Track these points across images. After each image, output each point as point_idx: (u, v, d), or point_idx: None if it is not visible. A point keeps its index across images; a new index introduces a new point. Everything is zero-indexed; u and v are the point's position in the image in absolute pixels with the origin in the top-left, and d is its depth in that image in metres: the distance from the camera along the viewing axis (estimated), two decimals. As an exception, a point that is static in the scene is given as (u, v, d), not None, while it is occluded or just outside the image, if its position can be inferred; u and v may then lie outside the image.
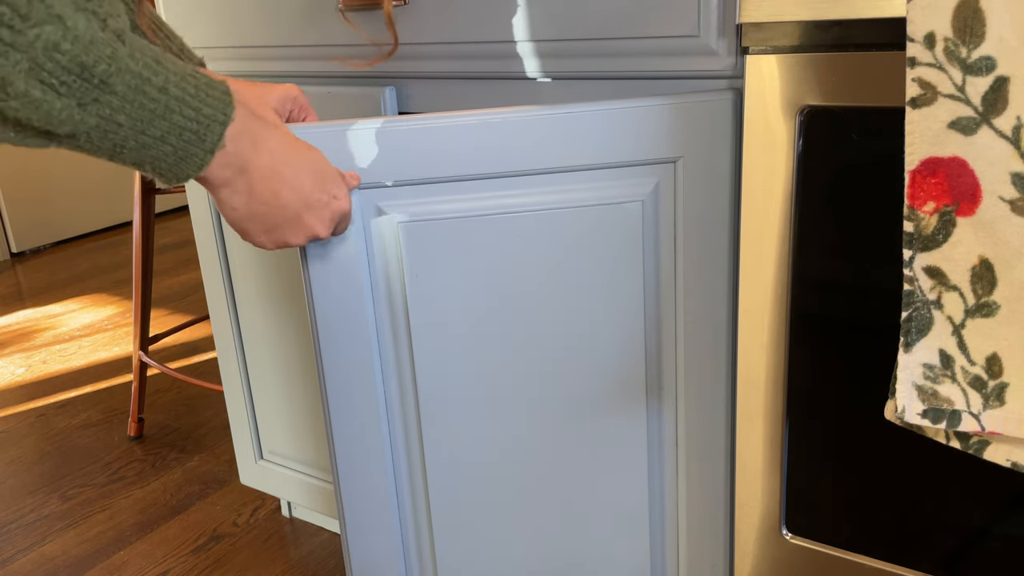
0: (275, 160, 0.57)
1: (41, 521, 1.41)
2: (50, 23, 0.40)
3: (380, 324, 0.74)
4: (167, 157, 0.50)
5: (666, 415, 0.78)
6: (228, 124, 0.52)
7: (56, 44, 0.41)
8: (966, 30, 0.50)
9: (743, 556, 0.78)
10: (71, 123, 0.44)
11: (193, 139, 0.50)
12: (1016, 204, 0.52)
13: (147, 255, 1.59)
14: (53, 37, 0.40)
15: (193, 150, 0.50)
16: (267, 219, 0.59)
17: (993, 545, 0.66)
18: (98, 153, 0.48)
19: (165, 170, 0.51)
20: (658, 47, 0.71)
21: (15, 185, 2.92)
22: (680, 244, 0.73)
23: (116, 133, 0.46)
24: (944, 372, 0.56)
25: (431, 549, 0.81)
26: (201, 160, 0.51)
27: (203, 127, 0.50)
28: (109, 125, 0.46)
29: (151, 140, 0.48)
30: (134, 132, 0.47)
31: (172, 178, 0.52)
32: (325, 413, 0.76)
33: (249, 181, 0.56)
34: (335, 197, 0.63)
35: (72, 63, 0.42)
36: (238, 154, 0.54)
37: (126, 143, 0.47)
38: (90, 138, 0.46)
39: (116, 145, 0.47)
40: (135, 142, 0.47)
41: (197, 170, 0.52)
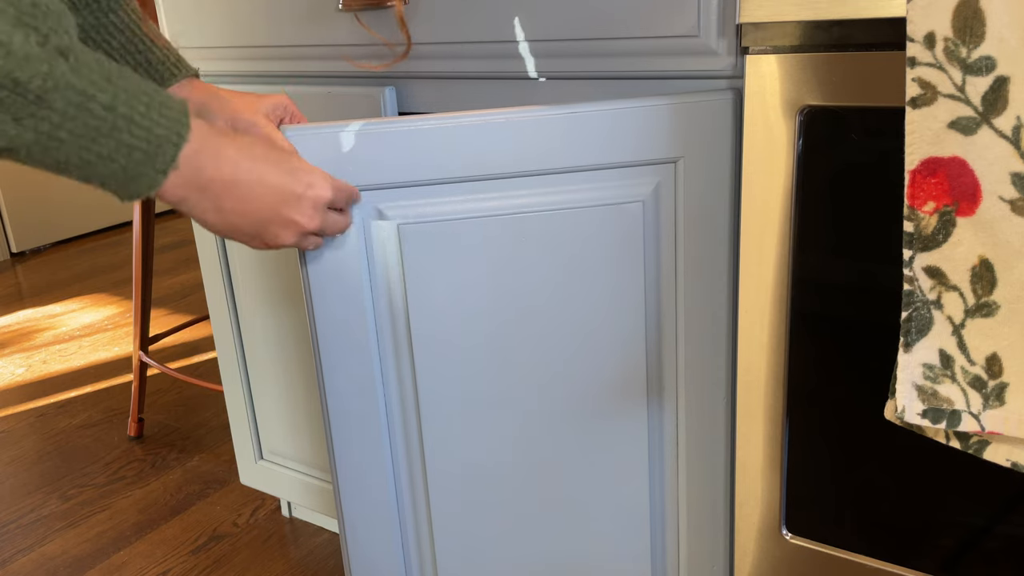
0: (236, 169, 0.56)
1: (41, 521, 1.41)
2: None
3: (380, 326, 0.74)
4: (116, 175, 0.49)
5: (666, 415, 0.78)
6: (182, 144, 0.51)
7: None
8: (966, 30, 0.50)
9: (743, 556, 0.78)
10: (6, 138, 0.43)
11: (142, 159, 0.49)
12: (1016, 204, 0.52)
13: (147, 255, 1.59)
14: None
15: (143, 170, 0.50)
16: (245, 226, 0.59)
17: (993, 545, 0.66)
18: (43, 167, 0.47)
19: (115, 188, 0.50)
20: (658, 47, 0.71)
21: (15, 185, 2.92)
22: (680, 244, 0.73)
23: (58, 149, 0.46)
24: (944, 372, 0.56)
25: (431, 550, 0.81)
26: (152, 180, 0.50)
27: (153, 147, 0.49)
28: (49, 141, 0.45)
29: (96, 158, 0.47)
30: (77, 149, 0.46)
31: (124, 195, 0.51)
32: (324, 415, 0.76)
33: (213, 197, 0.55)
34: (310, 185, 0.61)
35: (5, 78, 0.41)
36: (196, 172, 0.53)
37: (69, 160, 0.47)
38: (30, 153, 0.45)
39: (59, 161, 0.47)
40: (79, 159, 0.47)
41: (148, 190, 0.51)
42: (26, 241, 2.98)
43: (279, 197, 0.60)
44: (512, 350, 0.75)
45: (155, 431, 1.69)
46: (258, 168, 0.58)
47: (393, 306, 0.74)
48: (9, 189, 2.90)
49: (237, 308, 1.15)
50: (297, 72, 0.95)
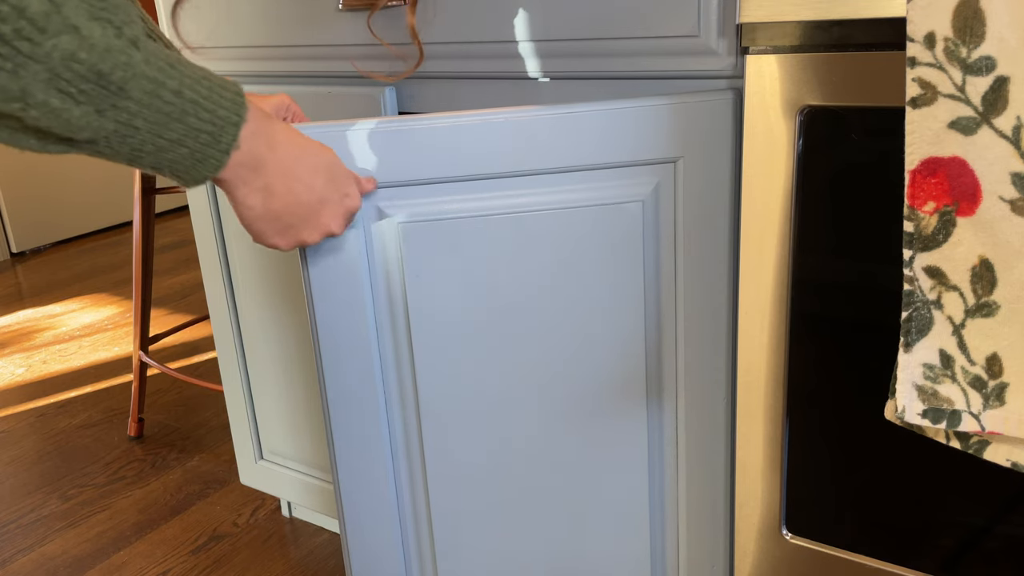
0: (289, 158, 0.58)
1: (41, 521, 1.41)
2: (67, 33, 0.41)
3: (380, 325, 0.74)
4: (184, 160, 0.51)
5: (666, 415, 0.78)
6: (242, 125, 0.52)
7: (73, 54, 0.42)
8: (966, 30, 0.50)
9: (743, 556, 0.78)
10: (90, 129, 0.45)
11: (209, 140, 0.51)
12: (1016, 204, 0.52)
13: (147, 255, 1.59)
14: (70, 47, 0.42)
15: (209, 151, 0.51)
16: (283, 218, 0.60)
17: (993, 545, 0.66)
18: (117, 158, 0.48)
19: (183, 172, 0.51)
20: (658, 47, 0.71)
21: (15, 185, 2.92)
22: (680, 244, 0.73)
23: (134, 137, 0.47)
24: (944, 372, 0.56)
25: (431, 550, 0.81)
26: (218, 161, 0.52)
27: (218, 128, 0.51)
28: (127, 130, 0.46)
29: (168, 143, 0.49)
30: (151, 136, 0.48)
31: (190, 180, 0.52)
32: (325, 414, 0.76)
33: (265, 180, 0.57)
34: (347, 195, 0.63)
35: (89, 71, 0.43)
36: (252, 153, 0.55)
37: (144, 147, 0.48)
38: (109, 143, 0.47)
39: (134, 149, 0.48)
40: (153, 145, 0.48)
41: (214, 171, 0.53)
42: (26, 241, 2.98)
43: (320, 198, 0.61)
44: (512, 349, 0.75)
45: (155, 431, 1.69)
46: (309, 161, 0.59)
47: (393, 304, 0.74)
48: (9, 189, 2.90)
49: (237, 308, 1.15)
50: (297, 72, 0.95)
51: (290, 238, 0.62)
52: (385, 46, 0.85)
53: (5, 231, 2.93)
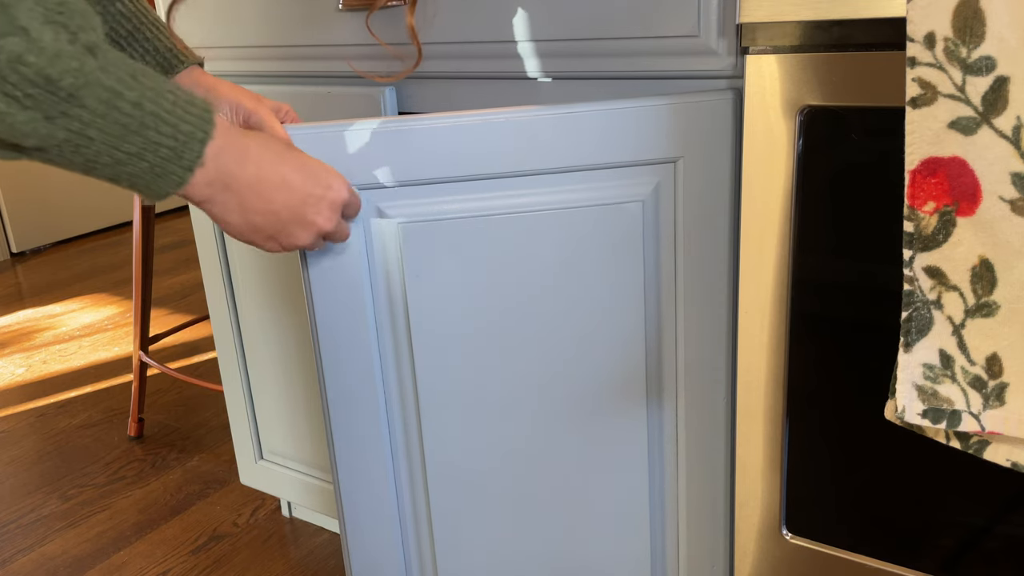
0: (261, 168, 0.56)
1: (41, 521, 1.41)
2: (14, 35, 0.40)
3: (380, 325, 0.74)
4: (143, 174, 0.49)
5: (666, 415, 0.78)
6: (208, 142, 0.51)
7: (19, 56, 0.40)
8: (966, 30, 0.50)
9: (743, 556, 0.78)
10: (37, 136, 0.44)
11: (170, 156, 0.49)
12: (1016, 204, 0.52)
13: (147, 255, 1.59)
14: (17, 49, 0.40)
15: (171, 167, 0.50)
16: (266, 228, 0.59)
17: (993, 545, 0.66)
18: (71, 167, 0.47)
19: (142, 187, 0.50)
20: (658, 47, 0.71)
21: (15, 185, 2.92)
22: (680, 244, 0.73)
23: (88, 147, 0.46)
24: (944, 372, 0.56)
25: (431, 549, 0.81)
26: (180, 178, 0.51)
27: (180, 144, 0.49)
28: (80, 139, 0.45)
29: (125, 156, 0.47)
30: (107, 147, 0.46)
31: (151, 195, 0.51)
32: (325, 414, 0.76)
33: (238, 196, 0.56)
34: (329, 187, 0.62)
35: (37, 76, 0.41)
36: (221, 171, 0.53)
37: (99, 158, 0.47)
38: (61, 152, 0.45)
39: (89, 160, 0.47)
40: (109, 157, 0.47)
41: (176, 187, 0.51)
42: (26, 241, 2.98)
43: (301, 197, 0.60)
44: (512, 349, 0.75)
45: (155, 431, 1.69)
46: (280, 167, 0.58)
47: (393, 304, 0.74)
48: (9, 189, 2.90)
49: (237, 308, 1.15)
50: (297, 72, 0.95)
51: (280, 242, 0.61)
52: (383, 46, 0.85)
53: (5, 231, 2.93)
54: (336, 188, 0.62)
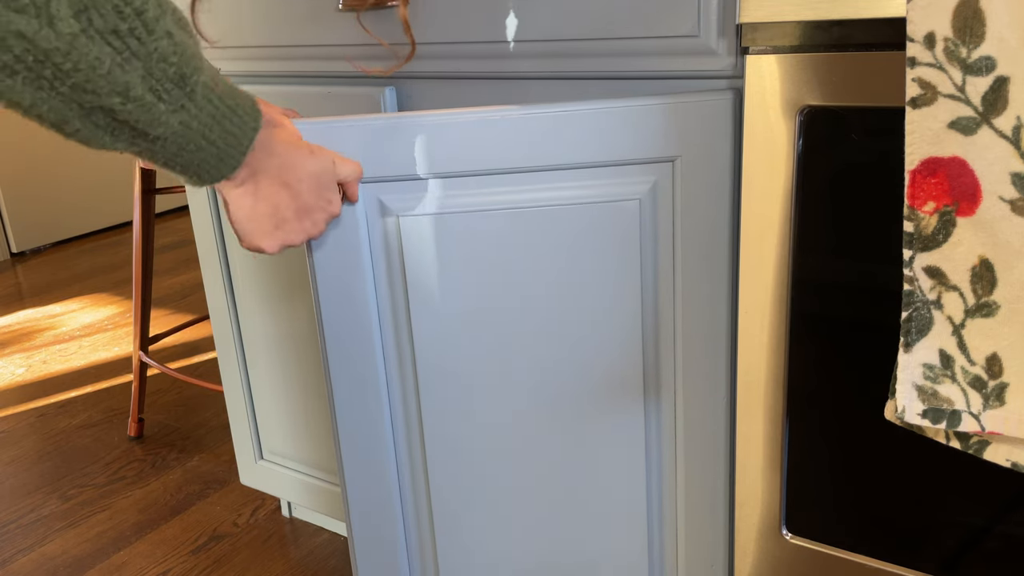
0: (282, 165, 0.61)
1: (41, 521, 1.41)
2: (165, 38, 0.46)
3: (383, 319, 0.74)
4: (211, 159, 0.54)
5: (665, 414, 0.78)
6: (259, 131, 0.57)
7: (167, 56, 0.47)
8: (966, 30, 0.50)
9: (743, 556, 0.78)
10: (164, 126, 0.49)
11: (233, 143, 0.55)
12: (1016, 204, 0.52)
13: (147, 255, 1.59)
14: (167, 50, 0.47)
15: (232, 152, 0.55)
16: (269, 219, 0.62)
17: (993, 545, 0.66)
18: (162, 156, 0.52)
19: (205, 172, 0.55)
20: (658, 47, 0.71)
21: (15, 185, 2.92)
22: (679, 243, 0.73)
23: (185, 136, 0.51)
24: (944, 372, 0.56)
25: (432, 548, 0.81)
26: (236, 162, 0.56)
27: (242, 132, 0.55)
28: (184, 129, 0.51)
29: (206, 144, 0.53)
30: (198, 136, 0.52)
31: (208, 179, 0.56)
32: (331, 407, 0.77)
33: (257, 183, 0.60)
34: (330, 202, 0.66)
35: (176, 73, 0.48)
36: (256, 158, 0.58)
37: (188, 146, 0.52)
38: (166, 141, 0.51)
39: (181, 148, 0.52)
40: (194, 145, 0.52)
41: (231, 171, 0.56)
42: (26, 241, 2.98)
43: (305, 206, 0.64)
44: (509, 346, 0.75)
45: (155, 431, 1.69)
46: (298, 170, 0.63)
47: (395, 298, 0.74)
48: (9, 189, 2.90)
49: (237, 308, 1.15)
50: (297, 72, 0.95)
51: (275, 240, 0.64)
52: (378, 41, 0.85)
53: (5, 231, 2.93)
54: (335, 203, 0.67)
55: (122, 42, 0.44)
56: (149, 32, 0.45)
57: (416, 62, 0.85)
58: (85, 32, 0.42)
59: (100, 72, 0.44)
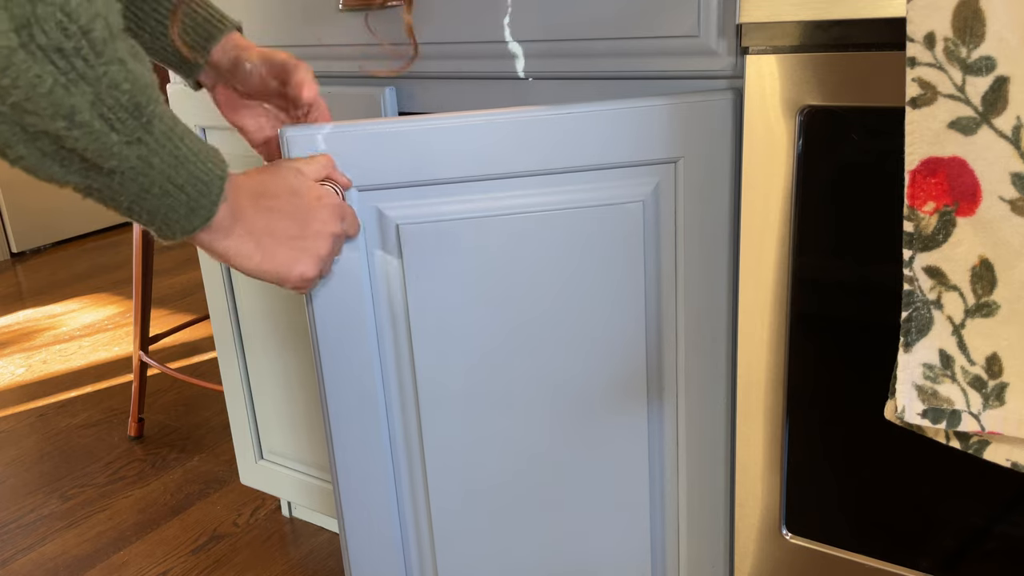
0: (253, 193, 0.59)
1: (41, 521, 1.41)
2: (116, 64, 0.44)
3: (380, 326, 0.74)
4: (180, 207, 0.52)
5: (666, 415, 0.78)
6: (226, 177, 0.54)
7: (119, 83, 0.45)
8: (966, 30, 0.50)
9: (743, 556, 0.78)
10: (118, 158, 0.47)
11: (203, 190, 0.52)
12: (1016, 204, 0.52)
13: (147, 255, 1.59)
14: (118, 76, 0.44)
15: (203, 201, 0.53)
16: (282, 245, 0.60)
17: (993, 545, 0.66)
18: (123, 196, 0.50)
19: (173, 221, 0.52)
20: (658, 47, 0.71)
21: (15, 185, 2.92)
22: (681, 244, 0.73)
23: (147, 176, 0.49)
24: (944, 372, 0.56)
25: (431, 550, 0.81)
26: (208, 212, 0.53)
27: (210, 180, 0.53)
28: (143, 166, 0.48)
29: (173, 188, 0.51)
30: (161, 177, 0.50)
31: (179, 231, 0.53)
32: (324, 415, 0.76)
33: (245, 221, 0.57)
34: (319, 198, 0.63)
35: (129, 102, 0.46)
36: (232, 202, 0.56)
37: (152, 188, 0.50)
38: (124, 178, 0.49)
39: (143, 189, 0.50)
40: (159, 188, 0.50)
41: (204, 222, 0.53)
42: (26, 241, 2.98)
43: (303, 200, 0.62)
44: (511, 350, 0.75)
45: (155, 431, 1.69)
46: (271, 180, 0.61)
47: (393, 305, 0.74)
48: (9, 189, 2.90)
49: (237, 308, 1.15)
50: (297, 72, 0.95)
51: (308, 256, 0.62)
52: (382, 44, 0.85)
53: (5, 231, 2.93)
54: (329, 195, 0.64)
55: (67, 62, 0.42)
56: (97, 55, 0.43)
57: (417, 62, 0.85)
58: (25, 47, 0.40)
59: (41, 91, 0.42)
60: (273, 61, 0.69)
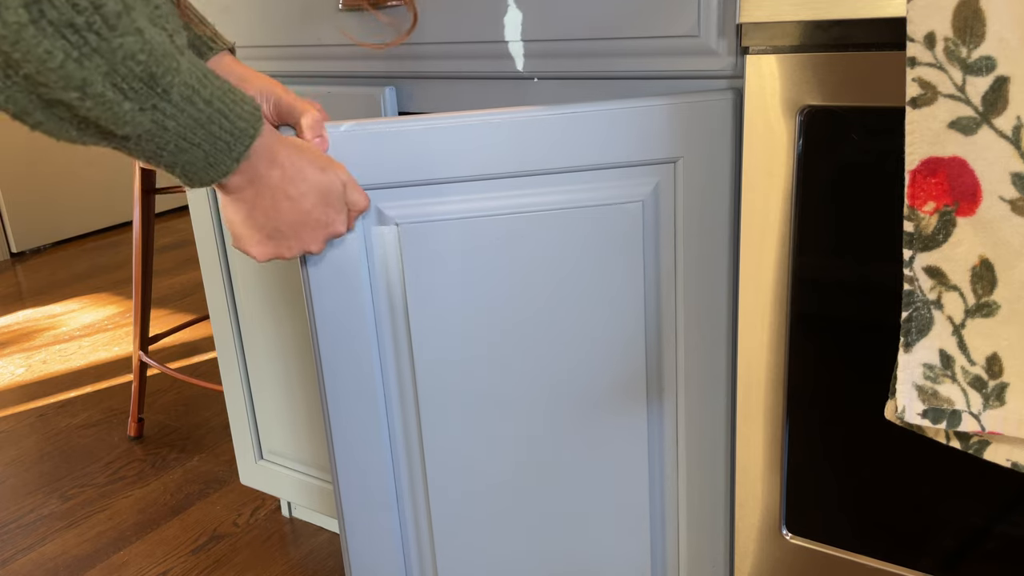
0: (284, 176, 0.60)
1: (41, 521, 1.41)
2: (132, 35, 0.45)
3: (380, 325, 0.74)
4: (198, 162, 0.54)
5: (666, 415, 0.78)
6: (256, 138, 0.56)
7: (134, 54, 0.45)
8: (966, 30, 0.50)
9: (743, 556, 0.78)
10: (132, 125, 0.48)
11: (224, 148, 0.54)
12: (1016, 204, 0.52)
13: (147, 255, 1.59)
14: (133, 47, 0.45)
15: (222, 157, 0.55)
16: (264, 229, 0.62)
17: (993, 545, 0.66)
18: (140, 154, 0.51)
19: (192, 173, 0.55)
20: (658, 47, 0.71)
21: (15, 185, 2.92)
22: (680, 244, 0.73)
23: (162, 137, 0.50)
24: (944, 372, 0.56)
25: (431, 549, 0.81)
26: (227, 168, 0.55)
27: (235, 139, 0.54)
28: (158, 129, 0.50)
29: (188, 145, 0.52)
30: (176, 137, 0.51)
31: (197, 181, 0.55)
32: (325, 415, 0.76)
33: (255, 192, 0.60)
34: (332, 222, 0.65)
35: (144, 72, 0.46)
36: (253, 167, 0.58)
37: (167, 146, 0.51)
38: (140, 140, 0.50)
39: (159, 147, 0.51)
40: (175, 146, 0.52)
41: (222, 176, 0.56)
42: (26, 241, 2.98)
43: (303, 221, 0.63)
44: (511, 350, 0.75)
45: (155, 431, 1.69)
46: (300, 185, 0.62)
47: (393, 304, 0.74)
48: (9, 189, 2.90)
49: (237, 308, 1.15)
50: (297, 72, 0.95)
51: (266, 250, 0.64)
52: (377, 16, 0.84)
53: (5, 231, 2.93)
54: (337, 223, 0.66)
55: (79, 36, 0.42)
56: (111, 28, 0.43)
57: (417, 62, 0.85)
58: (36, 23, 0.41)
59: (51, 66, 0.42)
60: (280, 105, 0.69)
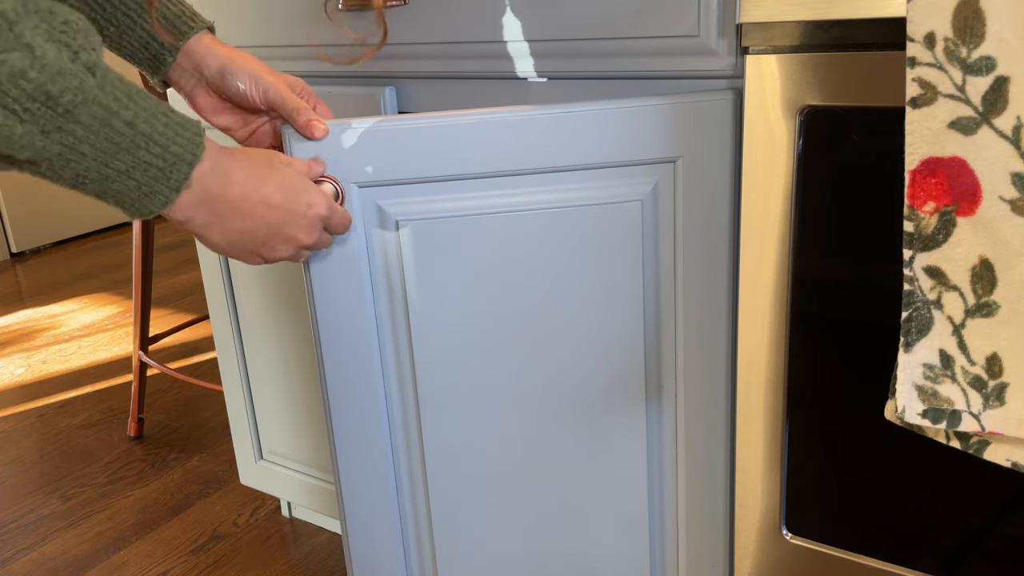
0: (245, 189, 0.57)
1: (41, 521, 1.41)
2: (18, 51, 0.41)
3: (381, 323, 0.74)
4: (130, 192, 0.50)
5: (666, 415, 0.78)
6: (196, 164, 0.52)
7: (23, 72, 0.41)
8: (966, 30, 0.50)
9: (743, 556, 0.78)
10: (32, 149, 0.44)
11: (158, 176, 0.50)
12: (1016, 204, 0.52)
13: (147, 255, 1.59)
14: (20, 65, 0.41)
15: (158, 187, 0.51)
16: (246, 243, 0.60)
17: (993, 545, 0.66)
18: (61, 181, 0.48)
19: (128, 204, 0.51)
20: (658, 47, 0.71)
21: (15, 185, 2.92)
22: (680, 244, 0.73)
23: (79, 163, 0.47)
24: (944, 372, 0.56)
25: (431, 548, 0.81)
26: (165, 198, 0.52)
27: (169, 165, 0.50)
28: (72, 154, 0.46)
29: (114, 173, 0.48)
30: (97, 164, 0.47)
31: (135, 213, 0.52)
32: (326, 412, 0.76)
33: (219, 216, 0.56)
34: (310, 205, 0.63)
35: (37, 91, 0.42)
36: (206, 192, 0.54)
37: (88, 174, 0.48)
38: (52, 166, 0.46)
39: (78, 175, 0.47)
40: (97, 173, 0.48)
41: (161, 206, 0.52)
42: (26, 241, 2.98)
43: (281, 216, 0.61)
44: (511, 349, 0.75)
45: (155, 431, 1.69)
46: (262, 189, 0.59)
47: (393, 302, 0.74)
48: (9, 189, 2.90)
49: (237, 308, 1.15)
50: (297, 72, 0.95)
51: (263, 256, 0.62)
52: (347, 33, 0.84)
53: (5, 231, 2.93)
54: (316, 205, 0.63)
55: None
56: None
57: (416, 62, 0.85)
58: None
59: None
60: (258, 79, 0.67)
